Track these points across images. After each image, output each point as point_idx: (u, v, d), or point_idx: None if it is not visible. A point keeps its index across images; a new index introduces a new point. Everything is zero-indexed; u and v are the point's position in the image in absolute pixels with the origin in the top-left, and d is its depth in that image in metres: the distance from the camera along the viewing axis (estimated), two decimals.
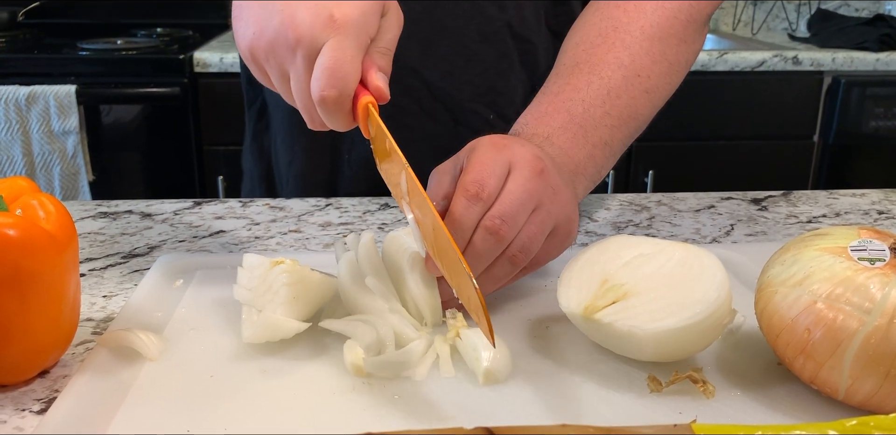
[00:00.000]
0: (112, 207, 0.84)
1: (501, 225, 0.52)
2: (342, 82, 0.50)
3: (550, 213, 0.55)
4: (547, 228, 0.55)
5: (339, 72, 0.49)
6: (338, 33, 0.50)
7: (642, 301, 0.49)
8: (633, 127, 0.69)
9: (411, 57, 0.85)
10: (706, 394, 0.47)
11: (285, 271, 0.53)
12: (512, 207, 0.53)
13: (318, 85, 0.50)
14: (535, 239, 0.55)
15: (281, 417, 0.45)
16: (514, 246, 0.54)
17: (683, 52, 0.73)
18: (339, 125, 0.53)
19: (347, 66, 0.50)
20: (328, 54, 0.50)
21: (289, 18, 0.50)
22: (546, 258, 0.58)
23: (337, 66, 0.49)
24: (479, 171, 0.53)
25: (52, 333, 0.50)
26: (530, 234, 0.54)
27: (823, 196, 0.90)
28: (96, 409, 0.46)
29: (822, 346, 0.45)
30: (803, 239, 0.50)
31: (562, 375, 0.50)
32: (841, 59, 2.04)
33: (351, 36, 0.50)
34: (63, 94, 1.83)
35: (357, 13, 0.50)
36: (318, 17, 0.50)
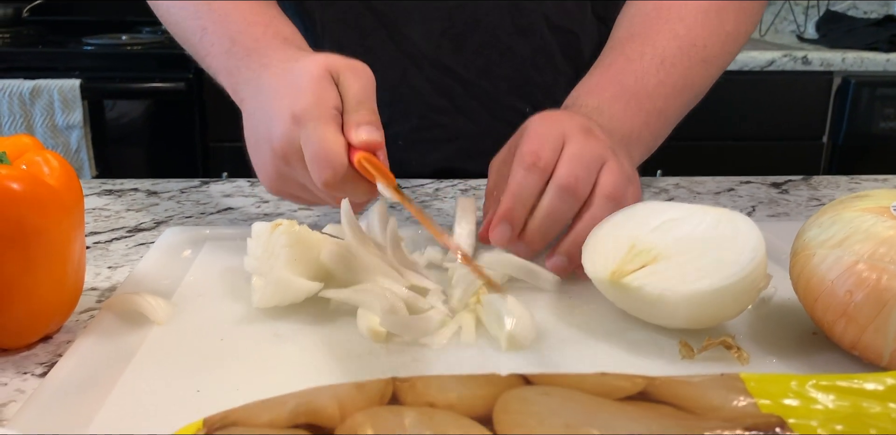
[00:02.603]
0: (117, 185, 0.82)
1: (576, 182, 0.53)
2: (329, 161, 0.51)
3: (618, 170, 0.55)
4: (623, 179, 0.55)
5: (321, 153, 0.51)
6: (304, 125, 0.52)
7: (673, 264, 0.47)
8: (689, 96, 0.69)
9: (445, 55, 0.84)
10: (740, 361, 0.45)
11: (283, 232, 0.51)
12: (580, 165, 0.53)
13: (315, 176, 0.52)
14: (618, 184, 0.54)
15: (295, 379, 0.43)
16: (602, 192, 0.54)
17: (742, 22, 0.72)
18: (362, 196, 0.54)
19: (325, 144, 0.51)
20: (306, 146, 0.52)
21: (270, 141, 0.54)
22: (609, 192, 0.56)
23: (317, 150, 0.51)
24: (533, 143, 0.54)
25: (56, 296, 0.48)
26: (611, 181, 0.54)
27: (844, 181, 0.88)
28: (101, 370, 0.43)
29: (865, 308, 0.43)
30: (841, 201, 0.48)
31: (588, 342, 0.48)
32: (851, 59, 2.02)
33: (314, 119, 0.52)
34: (67, 89, 1.82)
35: (308, 99, 0.53)
36: (285, 124, 0.53)
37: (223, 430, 0.28)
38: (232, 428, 0.28)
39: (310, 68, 0.54)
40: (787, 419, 0.29)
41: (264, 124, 0.56)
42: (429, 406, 0.29)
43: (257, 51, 0.61)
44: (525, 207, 0.54)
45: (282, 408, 0.29)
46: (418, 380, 0.31)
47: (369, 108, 0.54)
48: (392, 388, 0.30)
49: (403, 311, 0.49)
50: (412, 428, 0.28)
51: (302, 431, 0.28)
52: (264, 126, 0.56)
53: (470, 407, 0.29)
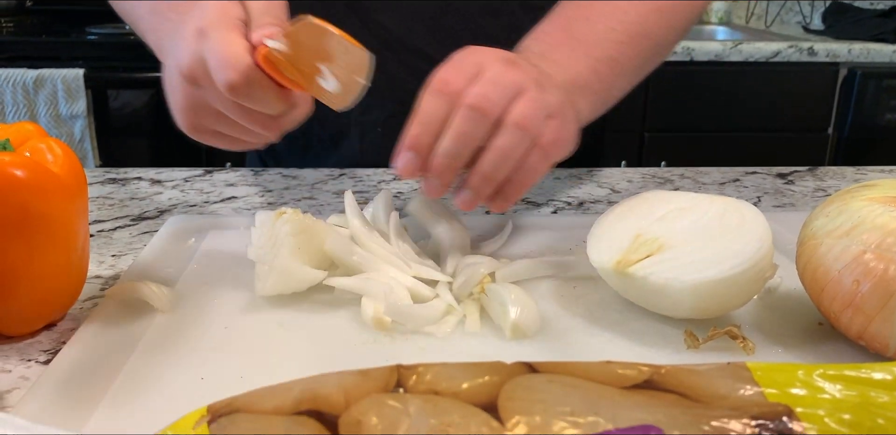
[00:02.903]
0: (121, 174, 0.82)
1: (485, 101, 0.49)
2: (231, 61, 0.48)
3: (537, 99, 0.50)
4: (539, 109, 0.50)
5: (223, 55, 0.48)
6: (207, 36, 0.49)
7: (679, 254, 0.47)
8: (646, 47, 0.65)
9: (419, 38, 0.83)
10: (746, 350, 0.45)
11: (288, 221, 0.50)
12: (492, 88, 0.49)
13: (221, 81, 0.48)
14: (531, 113, 0.50)
15: (299, 367, 0.43)
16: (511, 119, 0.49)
17: None
18: (274, 102, 0.50)
19: (227, 46, 0.48)
20: (210, 56, 0.49)
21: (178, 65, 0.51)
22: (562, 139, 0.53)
23: (218, 54, 0.48)
24: (446, 70, 0.50)
25: (61, 283, 0.48)
26: (522, 108, 0.50)
27: (851, 171, 0.88)
28: (105, 357, 0.43)
29: (872, 298, 0.42)
30: (849, 191, 0.48)
31: (592, 331, 0.48)
32: (857, 50, 2.01)
33: (217, 28, 0.49)
34: (71, 78, 1.81)
35: (210, 13, 0.50)
36: (190, 42, 0.50)
37: (227, 416, 0.28)
38: (236, 415, 0.28)
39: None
40: (794, 408, 0.29)
41: (173, 54, 0.53)
42: (433, 394, 0.29)
43: (178, 4, 0.58)
44: (431, 134, 0.50)
45: (286, 395, 0.29)
46: (423, 367, 0.30)
47: (273, 14, 0.52)
48: (397, 375, 0.30)
49: (407, 299, 0.48)
50: (416, 415, 0.28)
51: (306, 418, 0.28)
52: (173, 56, 0.53)
53: (475, 395, 0.29)
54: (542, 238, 0.63)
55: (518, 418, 0.28)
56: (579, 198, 0.77)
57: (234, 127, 0.53)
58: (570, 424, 0.28)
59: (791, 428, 0.28)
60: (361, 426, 0.27)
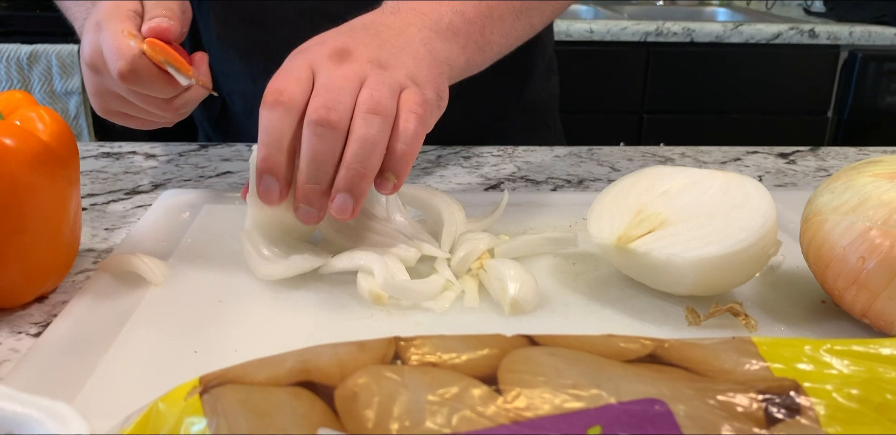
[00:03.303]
0: (115, 148, 0.81)
1: (328, 112, 0.45)
2: (119, 50, 0.51)
3: (384, 80, 0.48)
4: (390, 89, 0.47)
5: (113, 45, 0.52)
6: (102, 28, 0.53)
7: (681, 229, 0.46)
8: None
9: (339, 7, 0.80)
10: (748, 327, 0.44)
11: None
12: (329, 94, 0.46)
13: (112, 69, 0.52)
14: (377, 96, 0.47)
15: (294, 341, 0.42)
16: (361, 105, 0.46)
17: None
18: (163, 87, 0.54)
19: (119, 36, 0.52)
20: (103, 45, 0.53)
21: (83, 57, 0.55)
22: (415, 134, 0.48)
23: (109, 44, 0.52)
24: (276, 81, 0.47)
25: (52, 254, 0.47)
26: (366, 96, 0.47)
27: (853, 152, 0.87)
28: (96, 330, 0.42)
29: (877, 275, 0.42)
30: (854, 167, 0.47)
31: (592, 307, 0.47)
32: (858, 32, 1.99)
33: (111, 20, 0.53)
34: (66, 54, 1.79)
35: (106, 6, 0.54)
36: (90, 33, 0.54)
37: (219, 387, 0.27)
38: (228, 386, 0.27)
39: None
40: (801, 383, 0.28)
41: (81, 46, 0.57)
42: (431, 366, 0.28)
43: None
44: (281, 151, 0.46)
45: (280, 366, 0.28)
46: (421, 340, 0.30)
47: (164, 5, 0.55)
48: (394, 347, 0.29)
49: (405, 275, 0.48)
50: (414, 387, 0.27)
51: (301, 390, 0.27)
52: (81, 48, 0.56)
53: (474, 367, 0.28)
54: (540, 215, 0.62)
55: (518, 390, 0.27)
56: (579, 176, 0.76)
57: (137, 109, 0.57)
58: (572, 397, 0.27)
59: (798, 403, 0.27)
60: (358, 398, 0.27)
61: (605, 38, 1.95)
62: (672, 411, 0.26)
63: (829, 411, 0.27)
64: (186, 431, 0.26)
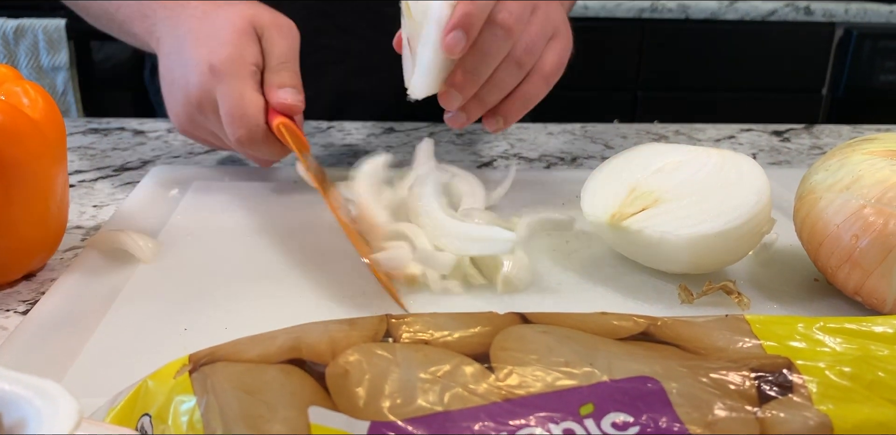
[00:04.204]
0: (103, 124, 0.80)
1: (509, 17, 0.50)
2: (244, 120, 0.52)
3: (549, 15, 0.54)
4: (548, 30, 0.54)
5: (237, 111, 0.52)
6: (221, 79, 0.52)
7: (675, 207, 0.45)
8: None
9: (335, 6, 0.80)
10: (741, 305, 0.44)
11: None
12: (515, 5, 0.51)
13: (229, 131, 0.53)
14: (539, 39, 0.53)
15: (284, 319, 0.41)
16: (519, 47, 0.52)
17: None
18: (272, 155, 0.55)
19: (243, 102, 0.52)
20: (221, 101, 0.52)
21: (185, 87, 0.54)
22: (553, 65, 0.55)
23: (232, 108, 0.52)
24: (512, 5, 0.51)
25: (39, 231, 0.46)
26: (533, 34, 0.52)
27: (847, 129, 0.86)
28: (85, 308, 0.42)
29: (871, 253, 0.42)
30: (850, 144, 0.47)
31: (585, 286, 0.47)
32: (854, 9, 1.98)
33: (233, 75, 0.52)
34: (52, 29, 1.77)
35: (228, 52, 0.53)
36: (202, 75, 0.53)
37: (209, 365, 0.27)
38: (218, 364, 0.27)
39: (234, 20, 0.54)
40: (794, 361, 0.28)
41: (180, 69, 0.55)
42: (423, 344, 0.28)
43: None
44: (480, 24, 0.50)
45: (270, 343, 0.28)
46: (412, 317, 0.29)
47: (292, 69, 0.55)
48: (385, 325, 0.29)
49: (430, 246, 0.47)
50: (405, 364, 0.27)
51: (291, 367, 0.27)
52: (180, 71, 0.55)
53: (466, 344, 0.28)
54: (534, 193, 0.61)
55: (510, 368, 0.27)
56: (572, 153, 0.76)
57: (227, 145, 0.57)
58: (565, 375, 0.27)
59: (791, 380, 0.27)
60: (349, 375, 0.26)
61: (600, 14, 1.94)
62: (665, 389, 0.26)
63: (821, 389, 0.27)
64: (176, 409, 0.26)
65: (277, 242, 0.51)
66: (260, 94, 0.53)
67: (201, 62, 0.53)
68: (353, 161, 0.70)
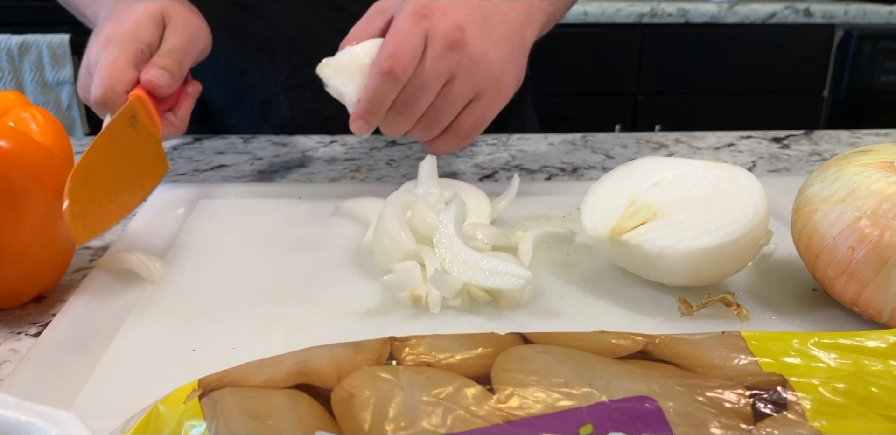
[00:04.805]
0: None
1: (403, 110, 0.55)
2: (105, 81, 0.55)
3: (464, 84, 0.56)
4: (460, 100, 0.56)
5: (103, 72, 0.56)
6: (108, 47, 0.57)
7: (673, 221, 0.46)
8: None
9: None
10: (740, 317, 0.45)
11: None
12: (415, 92, 0.54)
13: (91, 90, 0.56)
14: (444, 111, 0.56)
15: (291, 338, 0.42)
16: (429, 113, 0.56)
17: None
18: None
19: (112, 67, 0.56)
20: (98, 63, 0.57)
21: (87, 56, 0.60)
22: (480, 121, 0.58)
23: (101, 70, 0.56)
24: (395, 45, 0.53)
25: (49, 254, 0.47)
26: (438, 108, 0.56)
27: (846, 135, 0.87)
28: (95, 329, 0.43)
29: (867, 264, 0.42)
30: (845, 156, 0.47)
31: (586, 299, 0.48)
32: (854, 11, 1.99)
33: (117, 45, 0.57)
34: (56, 44, 1.78)
35: (125, 27, 0.58)
36: (98, 43, 0.58)
37: (218, 391, 0.28)
38: (227, 389, 0.28)
39: (149, 5, 0.60)
40: (788, 378, 0.29)
41: (90, 41, 0.61)
42: (426, 366, 0.29)
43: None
44: (381, 113, 0.55)
45: (278, 368, 0.29)
46: (416, 339, 0.30)
47: (178, 58, 0.59)
48: (389, 347, 0.30)
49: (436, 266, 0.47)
50: (409, 387, 0.28)
51: (298, 392, 0.27)
52: (90, 42, 0.61)
53: (468, 366, 0.29)
54: (535, 205, 0.62)
55: (511, 390, 0.28)
56: (573, 164, 0.76)
57: None
58: (564, 396, 0.27)
59: (785, 398, 0.28)
60: (354, 399, 0.27)
61: (600, 19, 1.95)
62: (662, 408, 0.27)
63: (814, 406, 0.28)
64: (187, 433, 0.27)
65: (283, 259, 0.52)
66: (133, 68, 0.57)
67: (103, 32, 0.59)
68: (356, 175, 0.71)
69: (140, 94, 0.56)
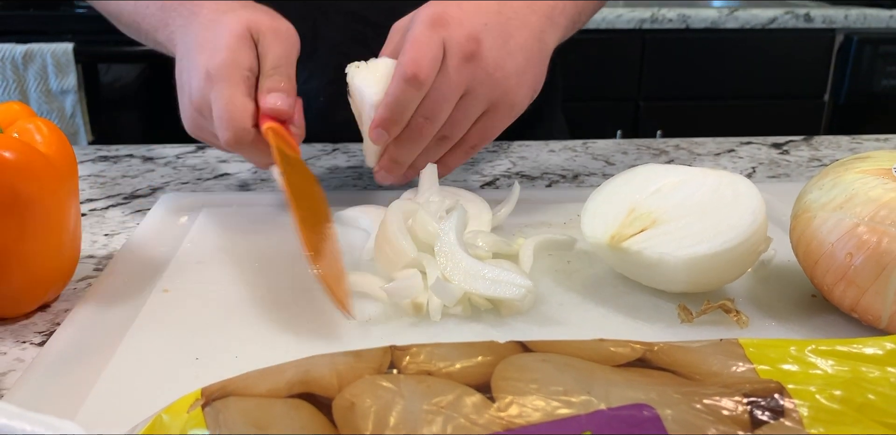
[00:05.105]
0: (112, 151, 0.81)
1: (425, 123, 0.55)
2: (231, 123, 0.53)
3: (479, 96, 0.56)
4: (474, 112, 0.57)
5: (225, 114, 0.53)
6: (214, 84, 0.54)
7: (673, 228, 0.46)
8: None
9: (355, 2, 0.81)
10: (740, 324, 0.45)
11: None
12: (436, 104, 0.54)
13: (219, 133, 0.54)
14: (459, 124, 0.57)
15: (294, 346, 0.43)
16: (444, 127, 0.56)
17: None
18: (262, 158, 0.56)
19: (230, 106, 0.53)
20: (213, 105, 0.54)
21: (189, 92, 0.57)
22: (490, 133, 0.59)
23: (221, 112, 0.54)
24: (416, 51, 0.53)
25: (53, 264, 0.48)
26: (454, 121, 0.56)
27: (846, 141, 0.87)
28: (99, 338, 0.43)
29: (865, 271, 0.42)
30: (843, 163, 0.48)
31: (587, 306, 0.48)
32: (854, 15, 1.99)
33: (225, 80, 0.54)
34: (60, 53, 1.79)
35: (222, 58, 0.55)
36: (201, 80, 0.55)
37: (221, 400, 0.28)
38: (229, 398, 0.28)
39: (232, 26, 0.56)
40: (785, 385, 0.29)
41: (186, 74, 0.58)
42: (427, 374, 0.29)
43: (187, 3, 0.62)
44: (402, 122, 0.55)
45: (279, 377, 0.29)
46: (416, 348, 0.30)
47: (285, 73, 0.56)
48: (390, 356, 0.30)
49: None
50: (410, 396, 0.28)
51: (300, 401, 0.28)
52: (186, 76, 0.58)
53: (469, 375, 0.29)
54: (536, 213, 0.62)
55: (511, 398, 0.28)
56: (574, 170, 0.77)
57: None
58: (563, 404, 0.28)
59: (782, 405, 0.28)
60: (355, 408, 0.27)
61: (601, 25, 1.95)
62: (660, 416, 0.27)
63: (812, 413, 0.28)
64: None
65: (286, 268, 0.52)
66: (250, 99, 0.55)
67: (200, 67, 0.55)
68: (358, 183, 0.71)
69: (272, 126, 0.54)
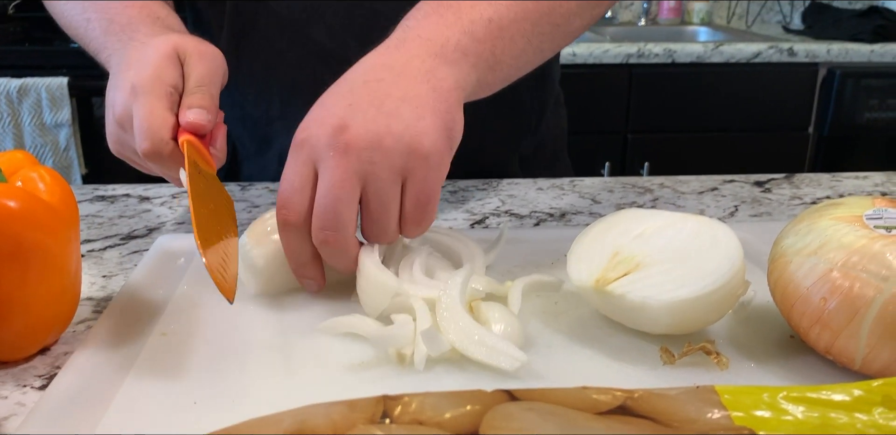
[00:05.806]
0: (109, 191, 0.83)
1: (328, 235, 0.51)
2: (150, 133, 0.55)
3: (381, 175, 0.50)
4: (388, 192, 0.51)
5: (145, 124, 0.55)
6: (138, 97, 0.56)
7: (655, 272, 0.48)
8: (530, 8, 0.61)
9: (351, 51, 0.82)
10: (720, 365, 0.47)
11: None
12: (327, 215, 0.50)
13: (137, 144, 0.56)
14: (380, 211, 0.52)
15: (291, 391, 0.44)
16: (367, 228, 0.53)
17: None
18: (175, 177, 0.58)
19: (151, 117, 0.55)
20: (135, 117, 0.56)
21: (112, 107, 0.59)
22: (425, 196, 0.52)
23: (140, 122, 0.55)
24: (281, 193, 0.52)
25: (54, 309, 0.49)
26: (371, 210, 0.52)
27: (826, 178, 0.90)
28: (100, 382, 0.45)
29: (839, 315, 0.44)
30: (818, 209, 0.50)
31: (573, 348, 0.49)
32: (836, 50, 2.04)
33: (148, 93, 0.56)
34: (55, 87, 1.82)
35: (148, 73, 0.57)
36: (125, 94, 0.57)
37: None
38: None
39: (160, 46, 0.59)
40: (758, 432, 0.30)
41: (112, 91, 0.60)
42: (418, 424, 0.30)
43: (129, 26, 0.65)
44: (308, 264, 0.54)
45: (277, 427, 0.30)
46: (408, 397, 0.32)
47: (207, 92, 0.58)
48: (382, 406, 0.31)
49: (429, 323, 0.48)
50: None
51: None
52: (111, 93, 0.60)
53: (458, 424, 0.31)
54: (524, 253, 0.64)
55: None
56: (561, 209, 0.79)
57: (147, 166, 0.61)
58: None
59: None
60: None
61: (588, 60, 1.99)
62: None
63: None
64: None
65: (283, 310, 0.54)
66: (171, 113, 0.56)
67: (126, 82, 0.57)
68: None
69: (189, 139, 0.56)
